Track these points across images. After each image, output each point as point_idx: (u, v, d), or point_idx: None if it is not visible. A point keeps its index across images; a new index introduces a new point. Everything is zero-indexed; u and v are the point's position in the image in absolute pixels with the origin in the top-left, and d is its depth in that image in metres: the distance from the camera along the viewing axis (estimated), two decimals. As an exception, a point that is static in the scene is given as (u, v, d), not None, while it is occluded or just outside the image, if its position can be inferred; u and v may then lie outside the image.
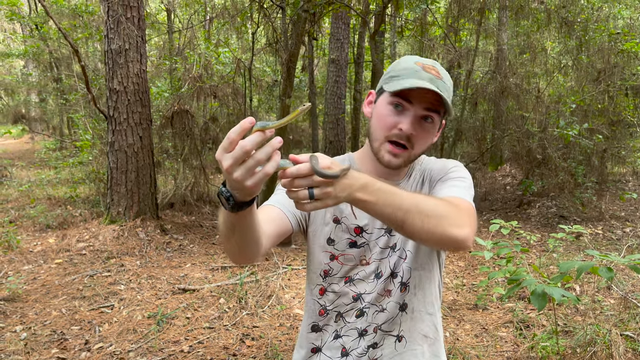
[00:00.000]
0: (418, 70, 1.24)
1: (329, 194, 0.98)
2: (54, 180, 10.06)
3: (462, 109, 9.76)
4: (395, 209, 1.03)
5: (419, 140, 1.28)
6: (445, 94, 1.24)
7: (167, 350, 3.58)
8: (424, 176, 1.41)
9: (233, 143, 0.88)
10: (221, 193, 0.98)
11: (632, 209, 8.03)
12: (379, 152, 1.31)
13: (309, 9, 6.08)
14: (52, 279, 5.03)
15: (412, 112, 1.25)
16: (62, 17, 12.10)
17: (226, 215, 1.04)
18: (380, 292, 1.39)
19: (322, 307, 1.44)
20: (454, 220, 1.07)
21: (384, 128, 1.29)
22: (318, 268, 1.43)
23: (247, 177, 0.89)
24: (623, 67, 8.19)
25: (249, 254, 1.17)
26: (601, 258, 2.52)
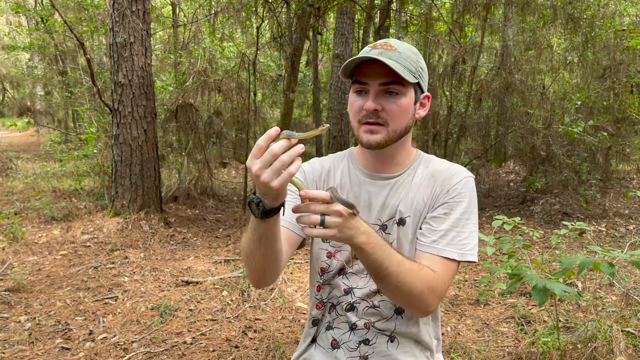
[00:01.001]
0: (368, 51, 1.28)
1: (338, 225, 1.07)
2: (59, 172, 10.10)
3: (467, 105, 9.75)
4: (381, 268, 1.15)
5: (390, 114, 1.29)
6: (400, 61, 1.25)
7: (170, 342, 3.61)
8: (432, 176, 1.39)
9: (262, 149, 0.99)
10: (252, 200, 1.08)
11: (636, 207, 8.02)
12: (358, 137, 1.33)
13: (314, 3, 6.08)
14: (56, 270, 5.07)
15: (371, 90, 1.28)
16: (68, 10, 12.13)
17: (255, 225, 1.13)
18: (372, 289, 1.39)
19: (319, 301, 1.48)
20: (422, 302, 1.22)
21: (355, 114, 1.33)
22: (317, 266, 1.47)
23: (273, 177, 0.98)
24: (629, 65, 8.16)
25: (272, 269, 1.25)
26: (603, 254, 2.53)
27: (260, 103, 11.50)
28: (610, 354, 3.01)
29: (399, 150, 1.40)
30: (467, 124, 9.63)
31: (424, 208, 1.36)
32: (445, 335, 3.73)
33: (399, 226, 1.37)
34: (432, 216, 1.34)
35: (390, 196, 1.39)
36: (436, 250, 1.29)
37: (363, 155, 1.45)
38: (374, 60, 1.25)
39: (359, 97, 1.31)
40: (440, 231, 1.30)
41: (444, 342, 3.61)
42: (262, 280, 1.30)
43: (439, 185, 1.36)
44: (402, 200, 1.37)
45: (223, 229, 6.95)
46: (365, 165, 1.44)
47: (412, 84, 1.31)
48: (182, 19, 13.74)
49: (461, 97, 10.29)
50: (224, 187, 10.03)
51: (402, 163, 1.42)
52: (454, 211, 1.32)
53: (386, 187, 1.40)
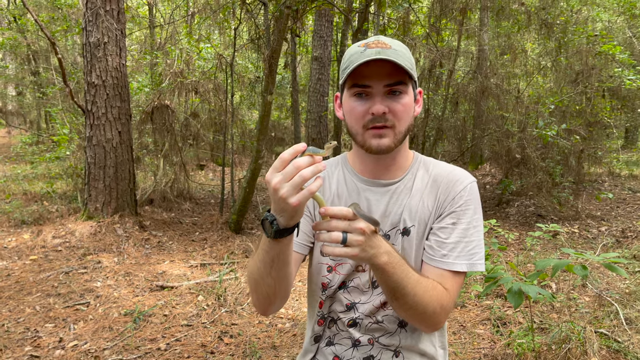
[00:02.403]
0: (363, 51, 1.20)
1: (360, 244, 1.02)
2: (30, 175, 9.86)
3: (444, 108, 9.83)
4: (399, 288, 1.12)
5: (397, 115, 1.23)
6: (400, 59, 1.18)
7: (144, 348, 3.54)
8: (435, 182, 1.33)
9: (285, 163, 0.95)
10: (266, 218, 1.03)
11: (608, 209, 8.18)
12: (364, 143, 1.25)
13: (292, 5, 6.05)
14: (26, 275, 4.93)
15: (375, 93, 1.21)
16: (41, 9, 11.89)
17: (266, 246, 1.08)
18: (375, 304, 1.33)
19: (320, 317, 1.41)
20: (433, 321, 1.21)
21: (358, 119, 1.24)
22: (317, 282, 1.39)
23: (293, 193, 0.94)
24: (600, 69, 8.34)
25: (282, 294, 1.20)
26: (576, 256, 2.56)
27: (237, 105, 11.41)
28: (584, 355, 3.05)
29: (400, 152, 1.33)
30: (444, 127, 9.72)
31: (429, 217, 1.30)
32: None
33: (403, 236, 1.31)
34: (440, 227, 1.28)
35: (392, 204, 1.32)
36: (447, 265, 1.25)
37: (360, 160, 1.36)
38: (375, 60, 1.17)
39: (361, 101, 1.23)
40: (450, 244, 1.25)
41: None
42: (270, 307, 1.24)
43: (442, 192, 1.30)
44: (405, 208, 1.31)
45: (199, 232, 6.86)
46: (363, 171, 1.36)
47: (411, 81, 1.25)
48: (158, 19, 13.58)
49: (438, 100, 10.38)
50: (201, 189, 9.92)
51: (403, 167, 1.36)
52: (462, 220, 1.27)
53: (386, 194, 1.33)
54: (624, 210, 8.12)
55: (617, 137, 11.17)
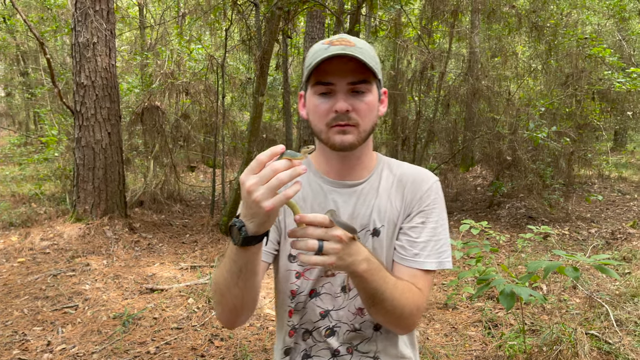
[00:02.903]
0: (326, 48, 1.17)
1: (337, 252, 0.99)
2: (19, 176, 9.76)
3: (435, 110, 9.86)
4: (377, 294, 1.10)
5: (360, 114, 1.20)
6: (364, 56, 1.15)
7: (133, 352, 3.49)
8: (400, 182, 1.32)
9: (262, 165, 0.91)
10: (234, 224, 0.98)
11: (598, 211, 8.24)
12: (328, 140, 1.22)
13: (283, 6, 6.04)
14: (14, 278, 4.86)
15: (339, 91, 1.18)
16: (30, 9, 11.78)
17: (234, 254, 1.03)
18: (350, 310, 1.30)
19: (291, 328, 1.35)
20: (409, 322, 1.21)
21: (321, 117, 1.21)
22: (285, 289, 1.34)
23: (268, 197, 0.89)
24: (590, 72, 8.40)
25: (249, 306, 1.16)
26: (568, 258, 2.56)
27: (229, 106, 11.37)
28: (575, 356, 3.05)
29: (364, 152, 1.31)
30: (435, 129, 9.74)
31: (398, 217, 1.29)
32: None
33: (373, 237, 1.29)
34: (410, 226, 1.27)
35: (359, 205, 1.30)
36: (419, 264, 1.24)
37: (326, 161, 1.32)
38: (339, 57, 1.14)
39: (324, 99, 1.20)
40: (421, 243, 1.25)
41: (413, 347, 3.60)
42: (237, 320, 1.20)
43: (409, 192, 1.30)
44: (374, 209, 1.29)
45: (190, 234, 6.81)
46: (328, 172, 1.33)
47: (375, 80, 1.23)
48: (149, 20, 13.51)
49: (430, 102, 10.41)
50: (192, 191, 9.86)
51: (368, 167, 1.33)
52: (430, 219, 1.28)
53: (353, 195, 1.31)
54: (614, 212, 8.18)
55: (606, 140, 11.27)
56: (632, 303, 4.14)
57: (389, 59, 11.90)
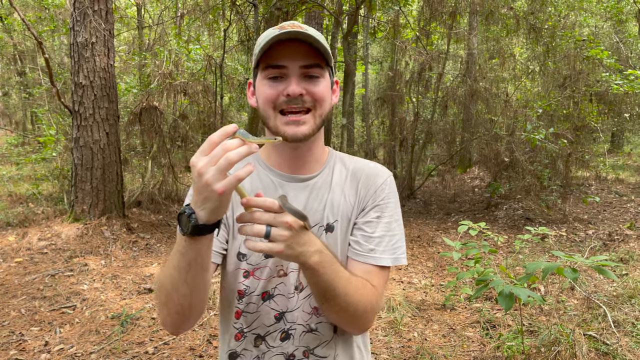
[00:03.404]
0: (276, 33, 1.10)
1: (286, 239, 0.94)
2: (16, 176, 9.73)
3: (433, 111, 9.88)
4: (329, 289, 1.04)
5: (315, 97, 1.14)
6: (316, 42, 1.10)
7: (131, 352, 3.49)
8: (354, 176, 1.28)
9: (213, 145, 0.86)
10: (183, 212, 0.92)
11: (595, 212, 8.26)
12: (278, 129, 1.14)
13: (282, 7, 6.04)
14: (11, 278, 4.85)
15: (290, 74, 1.12)
16: (28, 9, 11.76)
17: (182, 247, 0.95)
18: (305, 310, 1.22)
19: (238, 331, 1.25)
20: (364, 321, 1.15)
21: (269, 101, 1.14)
22: (233, 289, 1.24)
23: (219, 178, 0.84)
24: (588, 74, 8.43)
25: (199, 306, 1.07)
26: (566, 259, 2.57)
27: (227, 107, 11.36)
28: (574, 357, 3.06)
29: (316, 144, 1.25)
30: (433, 130, 9.76)
31: (352, 211, 1.24)
32: (413, 340, 3.73)
33: (327, 232, 1.23)
34: (365, 221, 1.23)
35: (312, 199, 1.24)
36: (374, 260, 1.19)
37: (276, 153, 1.25)
38: (291, 40, 1.09)
39: (275, 83, 1.13)
40: (376, 238, 1.21)
41: (411, 347, 3.60)
42: (184, 323, 1.09)
43: (363, 186, 1.25)
44: (327, 204, 1.24)
45: (188, 234, 6.80)
46: (279, 165, 1.26)
47: (327, 67, 1.18)
48: (147, 20, 13.49)
49: (427, 103, 10.42)
50: (190, 191, 9.84)
51: (320, 160, 1.27)
52: (385, 214, 1.23)
53: (305, 190, 1.24)
54: (611, 213, 8.20)
55: (603, 142, 11.30)
56: (630, 304, 4.15)
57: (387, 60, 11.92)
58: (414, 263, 5.78)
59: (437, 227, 7.55)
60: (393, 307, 4.23)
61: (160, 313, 1.09)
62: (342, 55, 9.62)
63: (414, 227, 7.60)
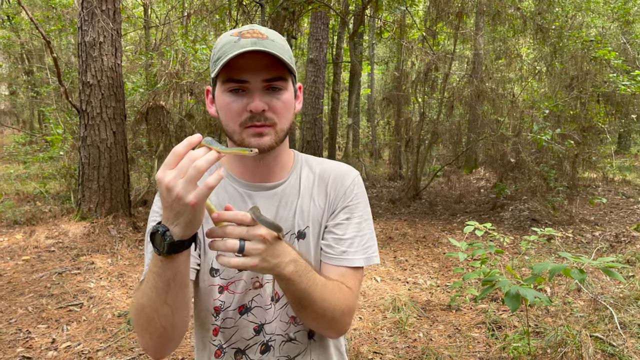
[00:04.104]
0: (237, 41, 1.06)
1: (260, 252, 0.91)
2: (23, 175, 9.79)
3: (439, 112, 9.86)
4: (305, 297, 1.02)
5: (277, 112, 1.11)
6: (279, 51, 1.06)
7: (138, 350, 3.51)
8: (322, 179, 1.25)
9: (179, 157, 0.83)
10: (156, 230, 0.87)
11: (602, 214, 8.22)
12: (242, 142, 1.11)
13: (289, 7, 6.06)
14: (18, 276, 4.88)
15: (253, 89, 1.08)
16: (35, 8, 11.82)
17: (159, 267, 0.91)
18: (283, 319, 1.21)
19: (217, 348, 1.23)
20: (341, 324, 1.13)
21: (234, 117, 1.10)
22: (208, 306, 1.21)
23: (189, 189, 0.81)
24: (595, 75, 8.39)
25: (181, 326, 1.03)
26: (574, 260, 2.56)
27: (233, 106, 11.38)
28: (580, 359, 3.05)
29: (281, 152, 1.22)
30: (439, 130, 9.74)
31: (322, 215, 1.22)
32: (418, 341, 3.73)
33: (299, 240, 1.20)
34: (335, 224, 1.21)
35: (282, 208, 1.21)
36: (347, 262, 1.18)
37: (239, 163, 1.22)
38: (253, 52, 1.04)
39: (236, 97, 1.09)
40: (348, 240, 1.19)
41: (416, 348, 3.60)
42: (168, 345, 1.04)
43: (332, 188, 1.23)
44: (297, 210, 1.21)
45: (194, 233, 6.83)
46: (243, 174, 1.22)
47: (290, 76, 1.14)
48: (154, 20, 13.54)
49: (433, 104, 10.41)
50: (195, 191, 9.87)
51: (286, 166, 1.25)
52: (355, 215, 1.22)
53: (274, 198, 1.21)
54: (617, 215, 8.16)
55: (610, 143, 11.25)
56: (636, 306, 4.13)
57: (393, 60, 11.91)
58: (419, 264, 5.77)
59: (443, 228, 7.54)
60: (398, 308, 4.23)
61: (142, 338, 1.03)
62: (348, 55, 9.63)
63: (419, 227, 7.59)
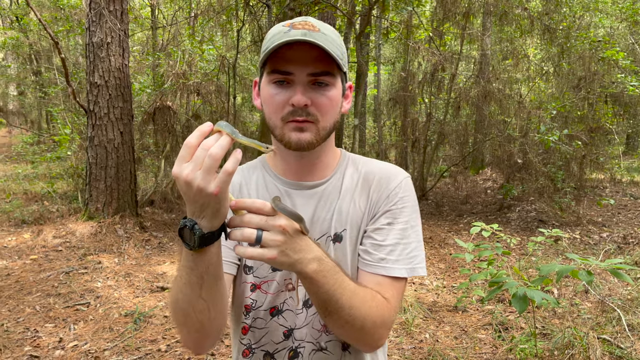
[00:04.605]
0: (287, 31, 1.02)
1: (279, 244, 0.85)
2: (31, 175, 9.85)
3: (445, 112, 9.84)
4: (332, 301, 0.95)
5: (321, 109, 1.06)
6: (329, 45, 1.02)
7: (144, 349, 3.52)
8: (366, 181, 1.19)
9: (193, 149, 0.80)
10: (184, 225, 0.85)
11: (609, 215, 8.17)
12: (283, 137, 1.08)
13: (295, 7, 6.06)
14: (26, 275, 4.91)
15: (297, 82, 1.04)
16: (44, 9, 11.90)
17: (190, 262, 0.89)
18: (315, 327, 1.15)
19: (246, 347, 1.20)
20: (374, 337, 1.04)
21: (277, 110, 1.07)
22: (240, 303, 1.19)
23: (209, 180, 0.78)
24: (603, 75, 8.34)
25: (219, 320, 1.00)
26: (581, 262, 2.54)
27: (239, 107, 11.42)
28: (587, 361, 3.03)
29: (325, 151, 1.17)
30: (445, 131, 9.72)
31: (362, 218, 1.15)
32: (424, 342, 3.72)
33: (334, 243, 1.14)
34: (374, 228, 1.13)
35: (320, 208, 1.15)
36: (385, 270, 1.09)
37: (283, 160, 1.18)
38: (299, 43, 1.00)
39: (281, 90, 1.05)
40: (388, 246, 1.10)
41: (423, 349, 3.59)
42: (206, 340, 1.02)
43: (375, 190, 1.16)
44: (335, 212, 1.15)
45: (200, 233, 6.84)
46: (285, 172, 1.18)
47: (340, 73, 1.09)
48: (161, 20, 13.59)
49: (440, 104, 10.38)
50: (202, 191, 9.89)
51: (329, 165, 1.20)
52: (398, 220, 1.13)
53: (313, 198, 1.16)
54: (625, 216, 8.11)
55: (618, 143, 11.18)
56: (645, 308, 4.10)
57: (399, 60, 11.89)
58: (425, 264, 5.76)
59: (449, 229, 7.52)
60: (405, 308, 4.23)
61: (181, 334, 1.02)
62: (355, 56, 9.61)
63: (425, 228, 7.57)
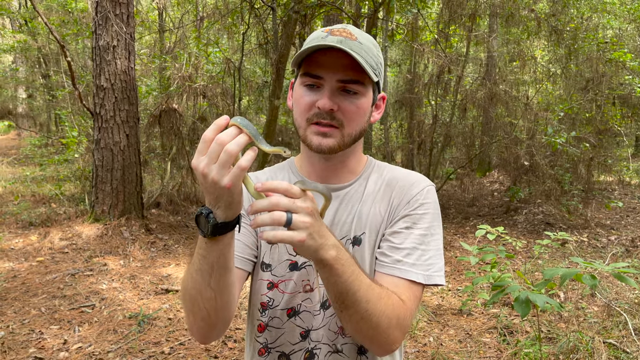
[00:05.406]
0: (324, 37, 1.06)
1: (308, 227, 0.84)
2: (39, 177, 9.92)
3: (452, 114, 9.80)
4: (348, 293, 0.93)
5: (347, 115, 1.08)
6: (362, 54, 1.04)
7: (148, 352, 3.53)
8: (389, 186, 1.20)
9: (209, 143, 0.82)
10: (200, 213, 0.88)
11: (618, 218, 8.10)
12: (306, 139, 1.10)
13: (300, 10, 6.07)
14: (32, 277, 4.94)
15: (326, 86, 1.06)
16: (52, 13, 11.98)
17: (204, 249, 0.92)
18: (331, 328, 1.15)
19: (262, 346, 1.20)
20: (388, 338, 1.00)
21: (303, 111, 1.10)
22: (256, 301, 1.20)
23: (223, 174, 0.80)
24: (611, 77, 8.28)
25: (225, 312, 1.02)
26: (585, 265, 2.52)
27: (245, 109, 11.44)
28: (592, 365, 3.00)
29: (349, 156, 1.19)
30: (451, 133, 9.68)
31: (382, 223, 1.15)
32: (428, 345, 3.70)
33: (354, 246, 1.15)
34: (392, 231, 1.13)
35: (341, 211, 1.17)
36: (401, 272, 1.08)
37: (308, 162, 1.21)
38: (333, 49, 1.03)
39: (310, 92, 1.08)
40: (405, 249, 1.10)
41: (426, 352, 3.57)
42: (212, 331, 1.04)
43: (396, 195, 1.17)
44: (356, 215, 1.16)
45: (205, 236, 6.85)
46: (310, 174, 1.21)
47: (372, 83, 1.11)
48: (168, 24, 13.66)
49: (446, 106, 10.35)
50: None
51: (354, 171, 1.22)
52: (418, 225, 1.12)
53: (335, 200, 1.18)
54: (634, 219, 8.03)
55: (627, 145, 11.09)
56: (652, 312, 4.06)
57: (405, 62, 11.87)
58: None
59: (455, 231, 7.48)
60: (409, 312, 4.20)
61: (188, 320, 1.05)
62: (361, 58, 9.60)
63: (431, 230, 7.53)
